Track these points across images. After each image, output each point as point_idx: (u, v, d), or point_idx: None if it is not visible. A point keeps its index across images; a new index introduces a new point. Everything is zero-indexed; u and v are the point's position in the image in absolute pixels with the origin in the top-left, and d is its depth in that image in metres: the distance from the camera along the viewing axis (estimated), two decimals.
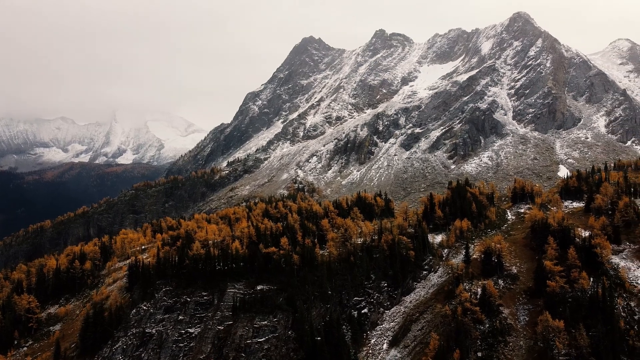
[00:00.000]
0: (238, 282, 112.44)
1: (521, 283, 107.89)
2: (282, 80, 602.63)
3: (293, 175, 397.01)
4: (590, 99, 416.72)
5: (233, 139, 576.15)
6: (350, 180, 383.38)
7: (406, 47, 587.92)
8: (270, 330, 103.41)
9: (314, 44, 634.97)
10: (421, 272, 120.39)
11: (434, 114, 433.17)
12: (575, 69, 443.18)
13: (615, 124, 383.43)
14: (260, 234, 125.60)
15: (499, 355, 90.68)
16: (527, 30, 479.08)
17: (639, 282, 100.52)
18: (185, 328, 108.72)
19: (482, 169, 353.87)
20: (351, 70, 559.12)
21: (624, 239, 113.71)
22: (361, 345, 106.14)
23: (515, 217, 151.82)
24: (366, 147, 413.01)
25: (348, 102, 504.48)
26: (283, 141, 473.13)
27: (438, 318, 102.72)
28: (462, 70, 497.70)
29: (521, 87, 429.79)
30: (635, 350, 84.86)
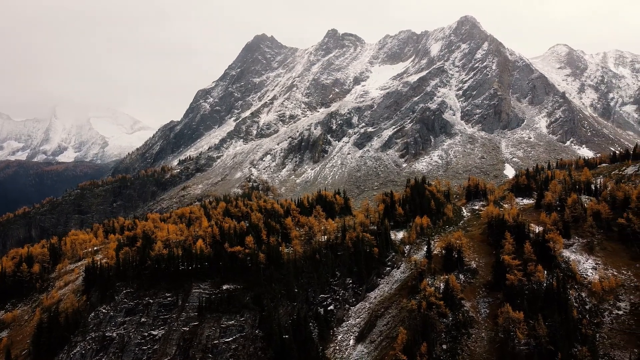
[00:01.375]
0: (203, 282, 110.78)
1: (480, 277, 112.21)
2: (234, 77, 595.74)
3: (247, 173, 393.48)
4: (532, 101, 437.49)
5: (184, 137, 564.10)
6: (305, 178, 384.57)
7: (358, 47, 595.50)
8: (237, 329, 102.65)
9: (267, 42, 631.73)
10: (384, 269, 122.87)
11: (386, 113, 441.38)
12: (519, 72, 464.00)
13: (556, 125, 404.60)
14: (225, 233, 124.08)
15: (462, 347, 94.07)
16: (474, 34, 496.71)
17: (588, 274, 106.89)
18: (148, 330, 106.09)
19: (433, 167, 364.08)
20: (304, 69, 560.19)
21: (573, 233, 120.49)
22: (328, 341, 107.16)
23: (471, 213, 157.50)
24: (320, 145, 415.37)
25: (301, 101, 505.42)
26: (236, 139, 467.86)
27: (403, 313, 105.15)
28: (412, 71, 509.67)
29: (469, 88, 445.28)
30: (587, 338, 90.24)
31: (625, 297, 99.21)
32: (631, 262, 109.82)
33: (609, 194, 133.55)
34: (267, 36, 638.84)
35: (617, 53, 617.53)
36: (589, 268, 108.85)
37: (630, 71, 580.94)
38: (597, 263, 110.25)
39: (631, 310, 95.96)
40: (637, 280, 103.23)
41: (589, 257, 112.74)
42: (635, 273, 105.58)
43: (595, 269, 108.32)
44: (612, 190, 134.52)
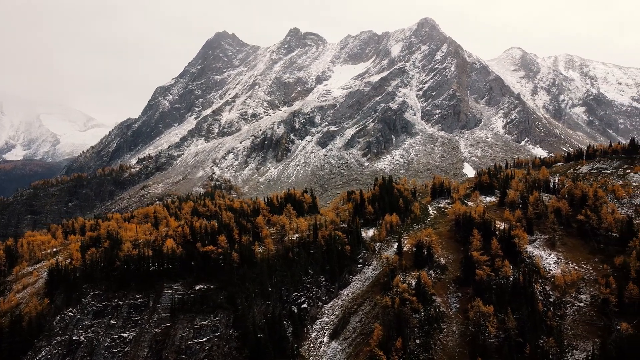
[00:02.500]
0: (175, 283, 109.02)
1: (450, 273, 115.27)
2: (194, 75, 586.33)
3: (209, 172, 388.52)
4: (489, 102, 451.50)
5: (142, 134, 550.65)
6: (268, 177, 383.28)
7: (320, 46, 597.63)
8: (211, 329, 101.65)
9: (228, 39, 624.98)
10: (356, 266, 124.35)
11: (349, 112, 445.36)
12: (476, 74, 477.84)
13: (511, 125, 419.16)
14: (196, 232, 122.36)
15: (435, 341, 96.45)
16: (433, 36, 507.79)
17: (551, 268, 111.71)
18: (118, 333, 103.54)
19: (395, 166, 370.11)
20: (266, 67, 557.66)
21: (535, 229, 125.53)
22: (302, 339, 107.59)
23: (437, 211, 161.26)
24: (283, 144, 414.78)
25: (264, 99, 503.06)
26: (197, 138, 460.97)
27: (377, 309, 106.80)
28: (373, 72, 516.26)
29: (429, 89, 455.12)
30: (552, 330, 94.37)
31: (586, 290, 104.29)
32: (590, 256, 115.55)
33: (567, 192, 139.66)
34: (228, 33, 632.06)
35: (567, 57, 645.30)
36: (552, 263, 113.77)
37: (579, 75, 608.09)
38: (559, 258, 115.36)
39: (591, 302, 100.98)
40: (596, 273, 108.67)
41: (551, 252, 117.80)
42: (594, 267, 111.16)
43: (557, 263, 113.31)
44: (570, 188, 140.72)
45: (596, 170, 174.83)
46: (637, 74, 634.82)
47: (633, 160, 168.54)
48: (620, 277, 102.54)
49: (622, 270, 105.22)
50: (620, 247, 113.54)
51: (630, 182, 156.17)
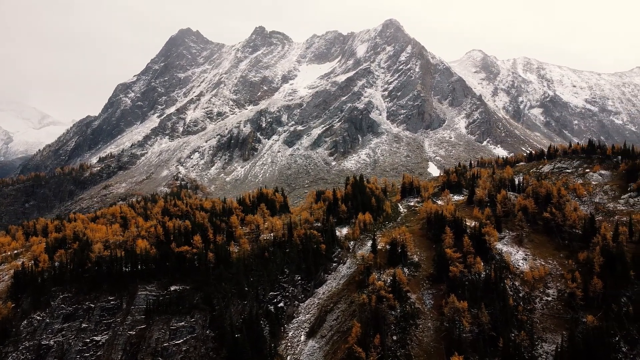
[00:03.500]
0: (149, 284, 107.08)
1: (423, 270, 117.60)
2: (157, 72, 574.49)
3: (174, 172, 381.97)
4: (452, 103, 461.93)
5: (102, 132, 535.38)
6: (235, 176, 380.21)
7: (286, 45, 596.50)
8: (188, 331, 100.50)
9: (192, 36, 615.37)
10: (331, 265, 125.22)
11: (315, 112, 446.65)
12: (440, 75, 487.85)
13: (474, 125, 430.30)
14: (169, 232, 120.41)
15: (411, 337, 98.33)
16: (398, 37, 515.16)
17: (519, 264, 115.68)
18: (90, 336, 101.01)
19: (361, 165, 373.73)
20: (231, 65, 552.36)
21: (504, 227, 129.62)
22: (280, 338, 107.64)
23: (407, 210, 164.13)
24: (250, 143, 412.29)
25: (229, 98, 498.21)
26: (161, 136, 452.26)
27: (353, 307, 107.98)
28: (339, 72, 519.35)
29: (394, 89, 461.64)
30: (523, 324, 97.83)
31: (553, 285, 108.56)
32: (555, 252, 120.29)
33: (532, 191, 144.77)
34: (192, 30, 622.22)
35: (525, 60, 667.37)
36: (520, 259, 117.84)
37: (537, 77, 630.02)
38: (526, 254, 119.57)
39: (558, 297, 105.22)
40: (561, 268, 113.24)
41: (519, 248, 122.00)
42: (560, 262, 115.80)
43: (525, 259, 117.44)
44: (535, 187, 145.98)
45: (557, 169, 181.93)
46: (590, 77, 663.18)
47: (592, 160, 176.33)
48: (584, 271, 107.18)
49: (586, 265, 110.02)
50: (584, 243, 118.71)
51: (590, 181, 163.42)
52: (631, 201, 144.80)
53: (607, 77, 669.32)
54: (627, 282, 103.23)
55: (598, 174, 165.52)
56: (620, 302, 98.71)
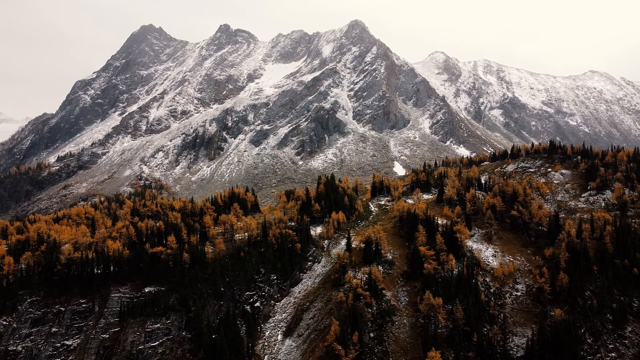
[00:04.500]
0: (123, 286, 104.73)
1: (397, 268, 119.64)
2: (118, 69, 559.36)
3: (137, 171, 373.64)
4: (417, 103, 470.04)
5: (60, 131, 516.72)
6: (201, 176, 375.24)
7: (251, 44, 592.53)
8: (163, 332, 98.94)
9: (155, 33, 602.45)
10: (306, 263, 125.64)
11: (282, 111, 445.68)
12: (404, 76, 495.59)
13: (437, 126, 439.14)
14: (142, 233, 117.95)
15: (388, 333, 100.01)
16: (363, 38, 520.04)
17: (489, 261, 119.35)
18: (61, 341, 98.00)
19: (328, 164, 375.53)
20: (195, 63, 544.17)
21: (474, 225, 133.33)
22: (257, 338, 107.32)
23: (378, 208, 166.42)
24: (216, 142, 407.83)
25: (194, 96, 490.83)
26: (123, 135, 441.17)
27: (329, 305, 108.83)
28: (305, 71, 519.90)
29: (359, 89, 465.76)
30: (494, 318, 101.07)
31: (522, 280, 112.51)
32: (523, 249, 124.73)
33: (499, 190, 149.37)
34: (154, 27, 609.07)
35: (486, 62, 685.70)
36: (490, 256, 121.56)
37: (496, 79, 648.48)
38: (496, 251, 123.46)
39: (527, 292, 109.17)
40: (529, 264, 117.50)
41: (489, 245, 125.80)
42: (527, 258, 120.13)
43: (495, 256, 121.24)
44: (502, 185, 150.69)
45: (521, 168, 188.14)
46: (546, 79, 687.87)
47: (553, 160, 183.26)
48: (551, 267, 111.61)
49: (552, 261, 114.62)
50: (549, 240, 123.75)
51: (552, 180, 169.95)
52: (591, 199, 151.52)
53: (562, 80, 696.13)
54: (590, 276, 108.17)
55: (559, 173, 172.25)
56: (585, 296, 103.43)
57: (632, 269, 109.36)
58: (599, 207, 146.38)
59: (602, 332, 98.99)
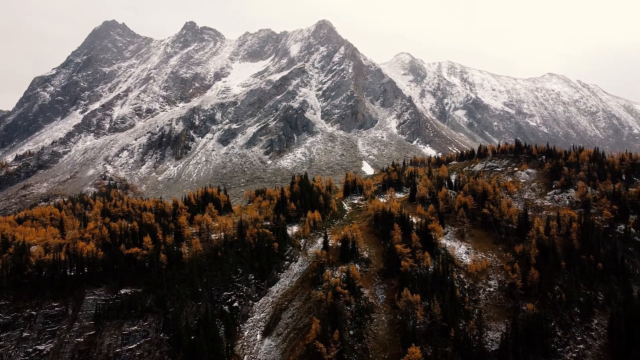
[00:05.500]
0: (98, 288, 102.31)
1: (374, 266, 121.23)
2: (79, 65, 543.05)
3: (101, 170, 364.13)
4: (384, 103, 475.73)
5: (17, 129, 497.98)
6: (168, 175, 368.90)
7: (218, 42, 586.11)
8: (141, 335, 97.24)
9: (118, 29, 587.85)
10: (283, 263, 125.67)
11: (250, 110, 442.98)
12: (372, 76, 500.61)
13: (404, 126, 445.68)
14: (116, 234, 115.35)
15: (367, 331, 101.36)
16: (331, 38, 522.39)
17: (463, 258, 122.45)
18: (33, 345, 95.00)
19: (297, 164, 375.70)
20: (160, 61, 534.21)
21: (446, 223, 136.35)
22: (236, 338, 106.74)
23: (352, 207, 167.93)
24: (182, 141, 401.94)
25: (159, 94, 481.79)
26: (86, 133, 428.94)
27: (308, 304, 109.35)
28: (273, 70, 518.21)
29: (328, 89, 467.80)
30: (469, 314, 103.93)
31: (494, 276, 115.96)
32: (494, 245, 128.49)
33: (469, 188, 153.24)
34: (117, 23, 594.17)
35: (450, 64, 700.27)
36: (463, 253, 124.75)
37: (460, 80, 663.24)
38: (468, 248, 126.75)
39: (500, 287, 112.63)
40: (500, 261, 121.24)
41: (462, 243, 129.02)
42: (499, 255, 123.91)
43: (468, 253, 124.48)
44: (472, 184, 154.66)
45: (489, 168, 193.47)
46: (507, 81, 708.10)
47: (519, 160, 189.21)
48: (521, 263, 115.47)
49: (522, 257, 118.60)
50: (519, 237, 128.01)
51: (519, 179, 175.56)
52: (556, 197, 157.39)
53: (523, 82, 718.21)
54: (559, 272, 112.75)
55: (525, 172, 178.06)
56: (554, 291, 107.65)
57: (597, 264, 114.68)
58: (563, 205, 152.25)
59: (570, 325, 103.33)
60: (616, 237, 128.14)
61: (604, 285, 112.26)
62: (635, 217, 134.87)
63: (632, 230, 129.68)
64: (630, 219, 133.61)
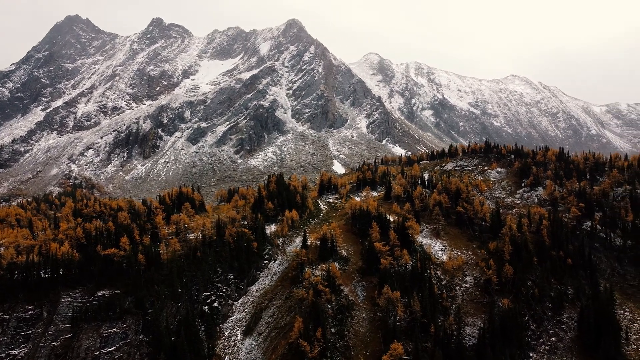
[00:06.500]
0: (74, 290, 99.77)
1: (353, 264, 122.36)
2: (40, 61, 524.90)
3: (65, 170, 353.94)
4: (354, 103, 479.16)
5: None
6: (135, 175, 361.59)
7: (186, 39, 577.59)
8: (120, 337, 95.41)
9: (81, 24, 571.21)
10: (262, 262, 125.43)
11: (220, 109, 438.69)
12: (342, 76, 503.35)
13: (374, 125, 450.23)
14: (91, 235, 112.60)
15: (348, 328, 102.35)
16: (301, 37, 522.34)
17: (439, 255, 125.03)
18: (6, 350, 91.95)
19: (268, 163, 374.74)
20: (126, 57, 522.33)
21: (422, 221, 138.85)
22: (216, 339, 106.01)
23: (328, 206, 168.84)
24: (150, 140, 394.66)
25: (125, 92, 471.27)
26: (49, 131, 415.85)
27: (288, 303, 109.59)
28: (242, 69, 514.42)
29: (298, 88, 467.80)
30: (447, 309, 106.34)
31: (470, 273, 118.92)
32: (469, 243, 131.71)
33: (442, 187, 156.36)
34: (81, 18, 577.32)
35: (417, 64, 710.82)
36: (439, 250, 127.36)
37: (427, 81, 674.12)
38: (444, 245, 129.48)
39: (475, 283, 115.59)
40: (475, 258, 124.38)
41: (437, 240, 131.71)
42: (473, 252, 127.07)
43: (443, 250, 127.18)
44: (445, 183, 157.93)
45: (460, 167, 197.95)
46: (472, 82, 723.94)
47: (489, 159, 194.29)
48: (495, 259, 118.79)
49: (496, 253, 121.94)
50: (492, 234, 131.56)
51: (489, 177, 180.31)
52: (525, 195, 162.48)
53: (487, 83, 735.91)
54: (531, 267, 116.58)
55: (495, 171, 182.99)
56: (527, 286, 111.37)
57: (566, 259, 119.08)
58: (532, 202, 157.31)
59: (543, 318, 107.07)
60: (583, 233, 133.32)
61: (573, 280, 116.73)
62: (600, 214, 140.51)
63: (598, 227, 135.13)
64: (596, 216, 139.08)
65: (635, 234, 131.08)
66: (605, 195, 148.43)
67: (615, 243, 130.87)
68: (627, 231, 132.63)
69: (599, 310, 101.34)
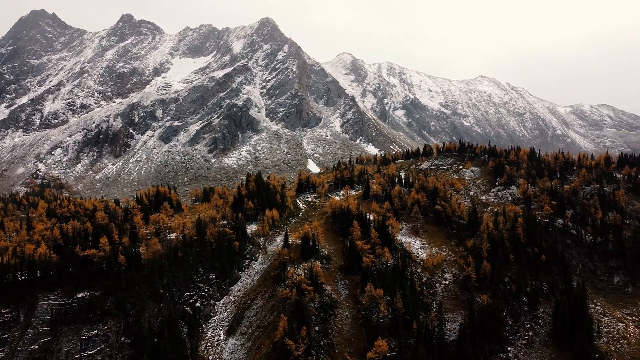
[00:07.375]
0: (52, 292, 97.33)
1: (334, 262, 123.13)
2: (4, 56, 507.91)
3: (32, 169, 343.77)
4: (328, 102, 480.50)
5: None
6: (106, 174, 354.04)
7: (157, 36, 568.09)
8: (101, 339, 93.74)
9: (47, 19, 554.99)
10: (244, 261, 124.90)
11: (192, 107, 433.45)
12: (315, 75, 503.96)
13: (348, 124, 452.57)
14: (69, 235, 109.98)
15: (332, 326, 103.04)
16: (275, 36, 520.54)
17: (419, 253, 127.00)
18: None
19: (243, 162, 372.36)
20: (95, 54, 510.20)
21: (401, 219, 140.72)
22: (199, 339, 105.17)
23: (307, 205, 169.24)
24: (121, 139, 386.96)
25: (95, 89, 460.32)
26: (13, 129, 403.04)
27: (271, 302, 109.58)
28: (215, 67, 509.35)
29: (272, 87, 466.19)
30: (428, 306, 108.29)
31: (449, 270, 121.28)
32: (447, 240, 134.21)
33: (420, 186, 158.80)
34: (47, 12, 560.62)
35: (389, 65, 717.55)
36: (419, 248, 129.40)
37: (399, 81, 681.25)
38: (423, 243, 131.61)
39: (454, 280, 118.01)
40: (454, 255, 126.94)
41: (417, 238, 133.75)
42: (452, 249, 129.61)
43: (423, 248, 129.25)
44: (422, 182, 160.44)
45: (435, 166, 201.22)
46: (443, 83, 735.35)
47: (464, 158, 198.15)
48: (474, 256, 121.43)
49: (473, 251, 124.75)
50: (470, 231, 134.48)
51: (464, 176, 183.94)
52: (499, 194, 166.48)
53: (457, 84, 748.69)
54: (508, 264, 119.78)
55: (470, 170, 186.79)
56: (504, 282, 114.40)
57: (540, 256, 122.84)
58: (506, 201, 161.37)
59: (520, 313, 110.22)
60: (556, 230, 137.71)
61: (547, 276, 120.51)
62: (571, 211, 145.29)
63: (570, 224, 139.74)
64: (567, 213, 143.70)
65: (604, 230, 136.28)
66: (575, 193, 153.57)
67: (586, 240, 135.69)
68: (596, 228, 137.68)
69: (573, 305, 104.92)
